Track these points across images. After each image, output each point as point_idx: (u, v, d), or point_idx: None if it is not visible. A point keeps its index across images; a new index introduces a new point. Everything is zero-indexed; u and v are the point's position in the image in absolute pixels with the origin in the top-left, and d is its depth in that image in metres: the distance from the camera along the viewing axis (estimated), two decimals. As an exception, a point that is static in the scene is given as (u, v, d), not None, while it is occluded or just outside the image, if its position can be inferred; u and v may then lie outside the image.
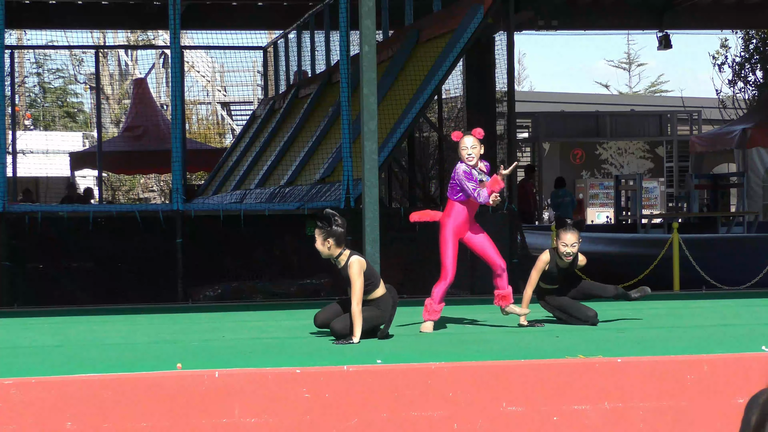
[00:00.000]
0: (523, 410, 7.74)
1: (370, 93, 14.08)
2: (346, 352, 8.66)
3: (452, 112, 27.14)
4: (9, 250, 14.86)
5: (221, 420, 7.43)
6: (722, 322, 11.10)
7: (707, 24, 26.82)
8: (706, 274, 16.18)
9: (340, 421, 7.54)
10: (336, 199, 15.48)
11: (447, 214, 10.17)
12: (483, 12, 15.86)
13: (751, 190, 25.32)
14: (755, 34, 30.73)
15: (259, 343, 9.47)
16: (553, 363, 7.99)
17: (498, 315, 10.94)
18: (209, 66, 46.78)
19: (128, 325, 11.66)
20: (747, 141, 25.31)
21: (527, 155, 32.65)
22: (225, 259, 15.43)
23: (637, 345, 8.99)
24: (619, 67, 62.24)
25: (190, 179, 33.23)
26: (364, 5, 13.91)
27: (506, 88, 17.56)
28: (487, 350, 8.77)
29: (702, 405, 7.94)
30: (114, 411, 7.34)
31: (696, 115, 33.02)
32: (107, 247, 15.25)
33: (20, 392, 7.28)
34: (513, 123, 17.63)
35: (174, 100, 16.18)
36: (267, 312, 12.36)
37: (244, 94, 45.05)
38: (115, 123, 43.28)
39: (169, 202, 20.04)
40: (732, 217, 24.02)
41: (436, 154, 22.79)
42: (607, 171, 33.78)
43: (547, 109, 34.86)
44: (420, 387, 7.66)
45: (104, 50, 41.78)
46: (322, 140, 18.71)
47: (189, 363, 7.91)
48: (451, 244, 10.13)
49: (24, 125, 42.99)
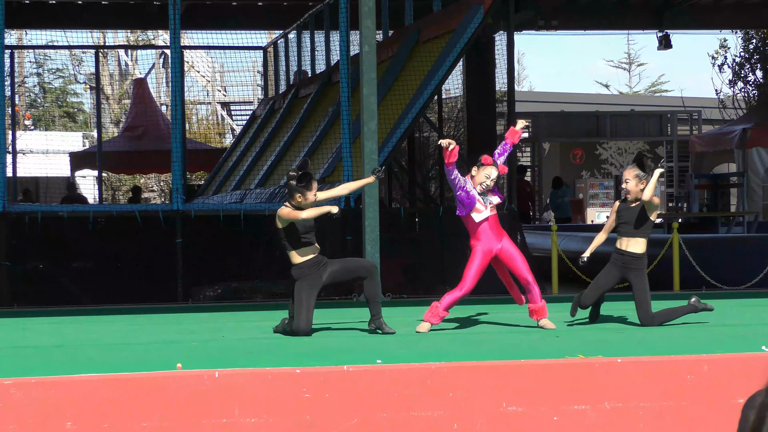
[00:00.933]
0: (523, 410, 7.74)
1: (370, 93, 14.09)
2: (346, 352, 8.66)
3: (452, 112, 27.13)
4: (9, 250, 14.86)
5: (221, 420, 7.43)
6: (722, 322, 11.10)
7: (707, 24, 26.81)
8: (706, 274, 16.18)
9: (340, 421, 7.54)
10: (336, 200, 15.48)
11: (475, 238, 10.09)
12: (483, 12, 15.86)
13: (751, 190, 25.31)
14: (755, 34, 30.72)
15: (259, 343, 9.47)
16: (553, 363, 7.99)
17: (498, 315, 10.95)
18: (209, 66, 46.78)
19: (128, 325, 11.66)
20: (747, 141, 25.32)
21: (527, 155, 32.66)
22: (225, 259, 15.43)
23: (637, 345, 8.99)
24: (619, 67, 62.23)
25: (190, 179, 33.22)
26: (364, 5, 13.91)
27: (506, 88, 17.56)
28: (487, 350, 8.77)
29: (702, 405, 7.94)
30: (114, 411, 7.34)
31: (696, 115, 33.02)
32: (107, 247, 15.26)
33: (20, 392, 7.28)
34: (513, 123, 17.60)
35: (174, 100, 16.18)
36: (267, 312, 12.35)
37: (244, 94, 45.05)
38: (115, 123, 43.28)
39: (169, 202, 20.04)
40: (732, 217, 24.02)
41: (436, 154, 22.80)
42: (607, 171, 33.79)
43: (547, 109, 34.85)
44: (420, 387, 7.66)
45: (104, 50, 41.77)
46: (322, 140, 18.71)
47: (189, 363, 7.91)
48: (479, 260, 10.03)
49: (24, 125, 42.98)
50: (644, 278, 10.16)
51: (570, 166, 33.68)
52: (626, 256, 10.18)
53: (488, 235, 10.05)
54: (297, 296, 9.70)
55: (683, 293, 15.29)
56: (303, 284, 9.69)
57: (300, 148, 19.72)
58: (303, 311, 9.66)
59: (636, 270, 10.14)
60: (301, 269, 9.70)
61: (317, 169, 17.74)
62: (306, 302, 9.66)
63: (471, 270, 10.01)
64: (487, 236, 10.05)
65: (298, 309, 9.68)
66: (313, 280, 9.69)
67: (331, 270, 9.79)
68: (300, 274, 9.70)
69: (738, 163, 26.17)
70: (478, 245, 10.05)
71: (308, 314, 9.67)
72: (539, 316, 10.23)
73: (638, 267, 10.15)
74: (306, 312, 9.66)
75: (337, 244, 15.08)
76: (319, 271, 9.72)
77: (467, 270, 10.01)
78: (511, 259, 10.12)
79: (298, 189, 9.60)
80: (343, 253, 14.30)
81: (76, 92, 50.58)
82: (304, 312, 9.66)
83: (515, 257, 10.13)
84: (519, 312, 10.73)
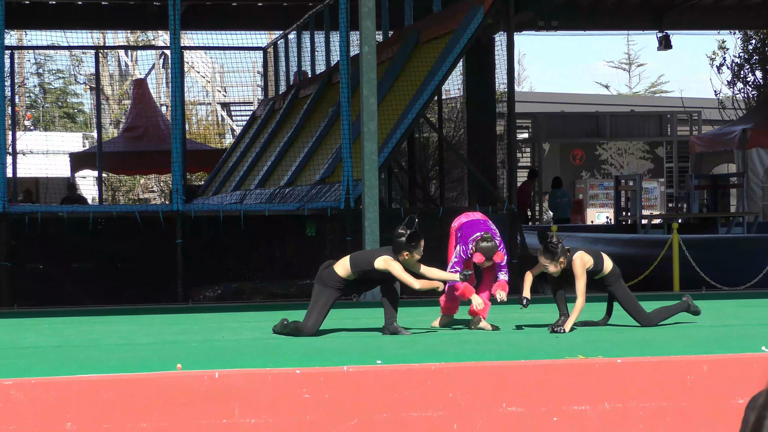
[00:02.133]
0: (523, 410, 7.74)
1: (369, 94, 14.09)
2: (346, 352, 8.67)
3: (452, 113, 27.13)
4: (9, 250, 14.87)
5: (221, 420, 7.43)
6: (722, 322, 11.11)
7: (707, 24, 26.84)
8: (705, 274, 16.19)
9: (340, 421, 7.54)
10: (336, 200, 15.49)
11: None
12: (483, 13, 15.87)
13: (751, 191, 25.32)
14: (754, 34, 30.72)
15: (259, 343, 9.47)
16: (553, 363, 7.99)
17: (498, 315, 10.94)
18: (209, 66, 46.77)
19: (128, 325, 11.66)
20: (747, 141, 25.33)
21: (527, 156, 32.65)
22: (225, 259, 15.44)
23: (637, 345, 8.99)
24: (619, 67, 62.23)
25: (190, 180, 33.22)
26: (364, 6, 13.92)
27: (506, 89, 17.57)
28: (487, 350, 8.77)
29: (702, 405, 7.94)
30: (114, 411, 7.34)
31: (696, 115, 33.03)
32: (107, 247, 15.26)
33: (20, 392, 7.28)
34: (513, 123, 17.65)
35: (174, 101, 16.19)
36: (267, 312, 12.36)
37: (244, 94, 45.03)
38: (115, 123, 43.27)
39: (169, 202, 20.04)
40: (732, 218, 24.02)
41: (436, 154, 22.80)
42: (607, 171, 33.77)
43: (547, 109, 34.84)
44: (420, 387, 7.66)
45: (104, 51, 41.75)
46: (322, 141, 18.72)
47: (189, 363, 7.91)
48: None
49: (24, 126, 42.97)
50: (623, 287, 10.20)
51: (570, 167, 33.67)
52: (596, 281, 10.20)
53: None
54: (316, 298, 9.73)
55: (683, 293, 15.30)
56: (329, 291, 9.72)
57: (300, 149, 19.73)
58: (315, 314, 9.70)
59: (612, 285, 10.16)
60: (340, 282, 9.73)
61: (317, 169, 17.75)
62: (322, 308, 9.71)
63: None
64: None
65: (311, 309, 9.71)
66: (338, 293, 9.75)
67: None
68: (336, 285, 9.72)
69: (738, 163, 26.19)
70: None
71: (319, 318, 9.71)
72: (479, 314, 10.38)
73: (612, 282, 10.15)
74: (318, 315, 9.70)
75: (337, 244, 15.08)
76: (347, 289, 9.81)
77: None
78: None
79: (407, 248, 9.66)
80: (344, 253, 14.29)
81: (76, 93, 50.58)
82: (316, 315, 9.70)
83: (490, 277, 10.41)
84: (519, 312, 10.73)
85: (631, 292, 10.31)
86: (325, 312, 9.74)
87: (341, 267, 9.68)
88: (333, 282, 9.68)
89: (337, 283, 9.68)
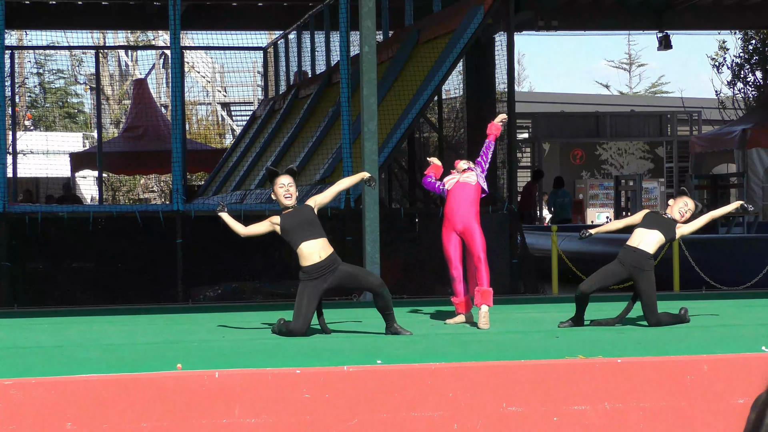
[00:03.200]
0: (523, 410, 7.74)
1: (370, 93, 14.10)
2: (346, 352, 8.67)
3: (452, 113, 27.13)
4: (9, 250, 14.87)
5: (221, 420, 7.43)
6: (722, 322, 11.11)
7: (707, 24, 26.83)
8: (705, 274, 16.18)
9: (340, 421, 7.54)
10: (336, 200, 15.48)
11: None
12: (483, 12, 15.87)
13: (751, 191, 25.32)
14: (754, 34, 30.73)
15: (259, 343, 9.47)
16: (553, 363, 7.99)
17: (498, 315, 10.94)
18: (209, 66, 46.77)
19: (128, 325, 11.66)
20: (747, 141, 25.33)
21: (527, 156, 32.66)
22: (225, 259, 15.43)
23: (637, 345, 8.99)
24: (620, 67, 62.27)
25: (190, 180, 33.23)
26: (365, 6, 13.92)
27: (506, 89, 17.56)
28: (487, 350, 8.77)
29: (702, 405, 7.94)
30: (114, 411, 7.34)
31: (696, 115, 33.04)
32: (107, 247, 15.26)
33: (20, 392, 7.28)
34: (513, 123, 17.62)
35: (174, 101, 16.19)
36: (267, 312, 12.35)
37: (244, 94, 45.04)
38: (115, 123, 43.26)
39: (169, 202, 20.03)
40: (732, 218, 24.01)
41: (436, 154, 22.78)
42: (607, 171, 33.79)
43: (547, 109, 34.85)
44: (420, 387, 7.66)
45: (104, 51, 41.77)
46: (322, 141, 18.72)
47: (189, 363, 7.91)
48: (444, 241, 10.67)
49: (24, 126, 42.98)
50: (652, 281, 10.17)
51: (570, 167, 33.67)
52: (638, 253, 10.16)
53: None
54: (299, 298, 9.74)
55: (683, 293, 15.31)
56: (300, 285, 9.73)
57: (300, 149, 19.73)
58: (302, 314, 9.70)
59: (645, 271, 10.13)
60: (301, 272, 9.73)
61: (317, 169, 17.75)
62: (306, 307, 9.70)
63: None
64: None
65: (297, 310, 9.71)
66: (304, 285, 9.73)
67: (340, 275, 9.83)
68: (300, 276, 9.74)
69: (738, 163, 26.19)
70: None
71: (307, 317, 9.69)
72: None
73: (647, 268, 10.14)
74: (305, 315, 9.69)
75: (337, 244, 15.06)
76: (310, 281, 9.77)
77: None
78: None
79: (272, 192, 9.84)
80: (343, 253, 14.29)
81: (77, 93, 50.58)
82: (303, 315, 9.69)
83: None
84: (519, 312, 10.73)
85: (655, 289, 10.28)
86: (302, 306, 9.70)
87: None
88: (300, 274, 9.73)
89: (300, 274, 9.70)
